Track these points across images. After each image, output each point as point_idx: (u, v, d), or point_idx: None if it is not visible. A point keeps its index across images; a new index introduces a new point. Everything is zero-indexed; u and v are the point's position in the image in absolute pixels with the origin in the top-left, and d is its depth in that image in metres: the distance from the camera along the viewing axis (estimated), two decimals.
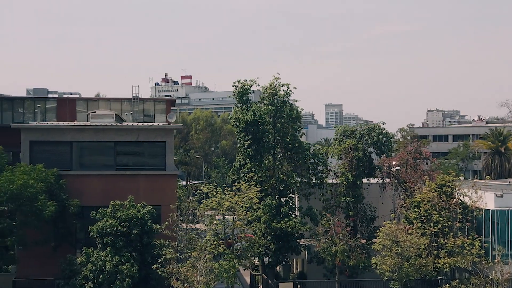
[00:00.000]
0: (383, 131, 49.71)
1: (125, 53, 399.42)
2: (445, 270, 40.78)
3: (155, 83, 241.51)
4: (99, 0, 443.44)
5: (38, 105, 58.91)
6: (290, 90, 45.64)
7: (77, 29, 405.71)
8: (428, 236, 39.56)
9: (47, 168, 38.26)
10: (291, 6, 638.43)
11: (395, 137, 57.14)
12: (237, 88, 46.22)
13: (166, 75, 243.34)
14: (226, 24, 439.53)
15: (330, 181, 47.90)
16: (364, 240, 44.97)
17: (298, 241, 44.40)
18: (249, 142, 44.57)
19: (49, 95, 66.15)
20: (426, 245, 39.04)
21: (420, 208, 41.04)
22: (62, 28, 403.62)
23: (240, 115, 44.62)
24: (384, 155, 49.40)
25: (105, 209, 36.58)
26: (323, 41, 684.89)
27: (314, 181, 46.68)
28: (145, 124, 47.40)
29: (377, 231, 40.50)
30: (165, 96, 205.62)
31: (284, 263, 46.90)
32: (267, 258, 44.93)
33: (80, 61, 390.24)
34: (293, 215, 44.45)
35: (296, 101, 47.40)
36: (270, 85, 45.62)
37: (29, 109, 60.55)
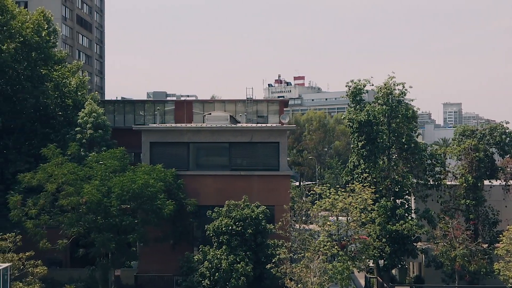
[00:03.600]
0: (507, 131, 47.18)
1: (240, 55, 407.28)
2: None
3: (269, 84, 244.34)
4: (213, 4, 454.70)
5: (158, 107, 61.21)
6: (406, 89, 44.46)
7: (193, 34, 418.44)
8: None
9: (166, 168, 39.70)
10: (404, 3, 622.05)
11: None
12: (350, 88, 45.70)
13: (279, 76, 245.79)
14: (339, 24, 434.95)
15: (449, 183, 46.05)
16: (486, 245, 42.81)
17: (415, 244, 43.10)
18: (363, 142, 43.88)
19: (168, 98, 68.51)
20: None
21: None
22: (179, 34, 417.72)
23: (354, 115, 44.07)
24: (508, 156, 46.82)
25: (220, 209, 37.39)
26: (438, 37, 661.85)
27: (431, 183, 45.11)
28: (259, 125, 47.96)
29: (500, 235, 38.47)
30: (278, 97, 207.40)
31: (400, 266, 45.68)
32: (382, 260, 43.96)
33: (197, 64, 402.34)
34: (409, 217, 43.21)
35: (412, 100, 46.17)
36: (385, 85, 44.69)
37: (149, 111, 63.06)
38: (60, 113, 53.93)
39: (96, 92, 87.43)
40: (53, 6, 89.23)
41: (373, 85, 45.48)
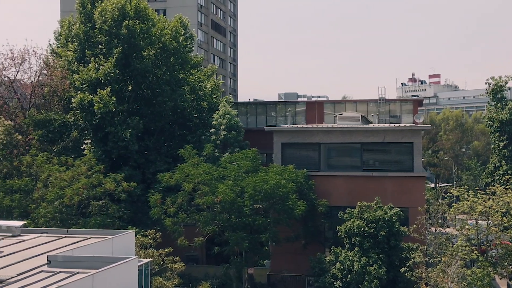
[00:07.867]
0: None
1: (372, 54, 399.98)
2: None
3: (402, 84, 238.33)
4: (344, 4, 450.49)
5: (289, 108, 61.79)
6: None
7: (324, 34, 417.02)
8: None
9: (297, 169, 39.92)
10: None
11: None
12: (490, 85, 43.81)
13: (413, 74, 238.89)
14: (477, 18, 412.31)
15: None
16: None
17: None
18: (505, 142, 41.70)
19: (299, 99, 69.19)
20: None
21: None
22: (310, 34, 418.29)
23: (494, 114, 42.11)
24: None
25: (352, 210, 36.96)
26: None
27: None
28: (392, 125, 46.91)
29: None
30: (412, 96, 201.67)
31: None
32: None
33: (328, 65, 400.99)
34: None
35: None
36: None
37: (281, 112, 63.85)
38: (196, 115, 56.07)
39: (230, 94, 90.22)
40: (190, 12, 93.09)
41: None
